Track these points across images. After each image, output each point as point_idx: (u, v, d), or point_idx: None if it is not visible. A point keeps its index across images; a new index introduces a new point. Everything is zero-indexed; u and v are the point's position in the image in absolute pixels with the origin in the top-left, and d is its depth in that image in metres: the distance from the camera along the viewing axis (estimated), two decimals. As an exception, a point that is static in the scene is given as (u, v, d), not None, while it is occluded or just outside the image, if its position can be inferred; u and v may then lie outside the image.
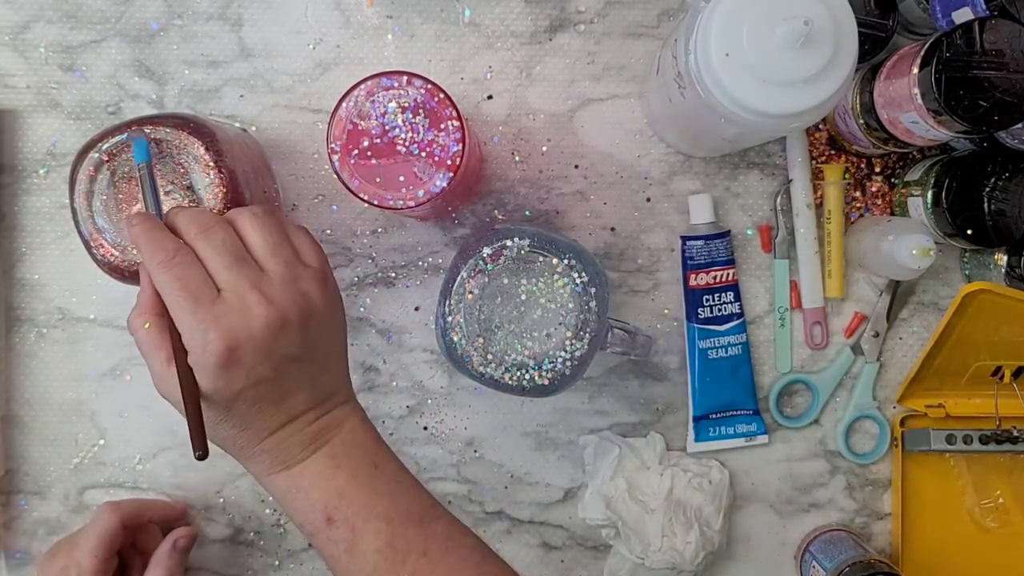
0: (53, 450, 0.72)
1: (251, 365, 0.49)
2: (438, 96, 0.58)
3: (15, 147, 0.71)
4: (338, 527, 0.51)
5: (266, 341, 0.50)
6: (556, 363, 0.60)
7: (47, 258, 0.72)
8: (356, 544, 0.51)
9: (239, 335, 0.49)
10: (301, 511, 0.52)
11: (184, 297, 0.49)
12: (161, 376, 0.51)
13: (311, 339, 0.52)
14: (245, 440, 0.52)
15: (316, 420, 0.53)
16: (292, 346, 0.51)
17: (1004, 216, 0.64)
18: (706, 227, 0.70)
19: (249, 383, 0.50)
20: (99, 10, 0.71)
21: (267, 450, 0.52)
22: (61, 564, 0.63)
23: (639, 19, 0.71)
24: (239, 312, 0.49)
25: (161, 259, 0.50)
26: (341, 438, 0.54)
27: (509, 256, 0.60)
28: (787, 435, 0.73)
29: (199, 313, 0.49)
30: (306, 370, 0.52)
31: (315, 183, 0.72)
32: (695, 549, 0.68)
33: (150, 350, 0.51)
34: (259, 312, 0.49)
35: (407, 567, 0.51)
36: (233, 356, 0.49)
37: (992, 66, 0.56)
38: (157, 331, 0.51)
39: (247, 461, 0.53)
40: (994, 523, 0.72)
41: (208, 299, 0.49)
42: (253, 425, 0.51)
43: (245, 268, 0.51)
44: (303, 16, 0.71)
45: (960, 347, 0.69)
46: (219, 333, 0.48)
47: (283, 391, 0.52)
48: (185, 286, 0.49)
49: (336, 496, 0.52)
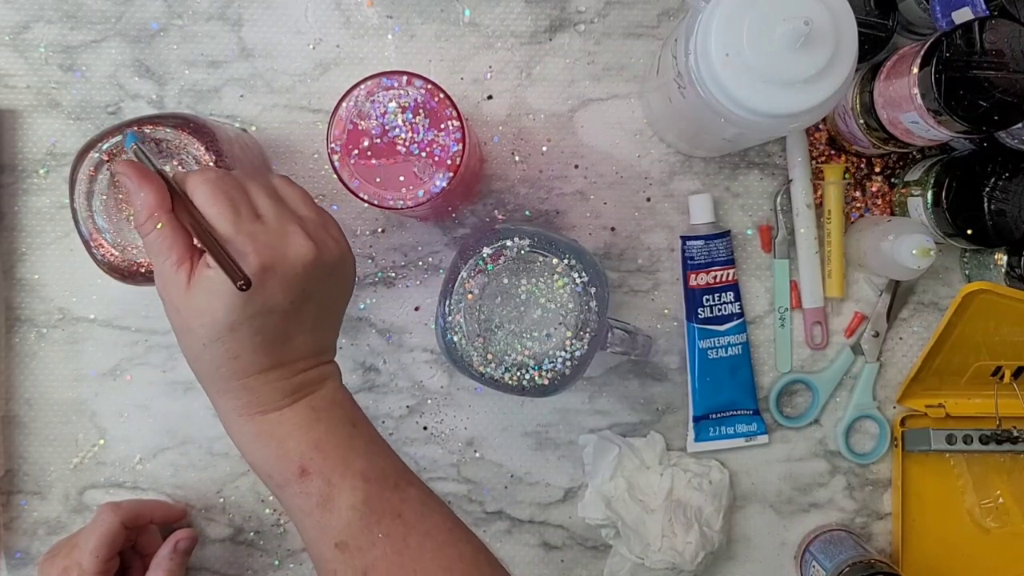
0: (53, 450, 0.72)
1: (273, 291, 0.49)
2: (438, 96, 0.58)
3: (15, 147, 0.71)
4: (313, 480, 0.50)
5: (295, 271, 0.50)
6: (556, 363, 0.60)
7: (47, 258, 0.72)
8: (332, 498, 0.50)
9: (274, 257, 0.49)
10: (270, 460, 0.51)
11: (228, 209, 0.49)
12: (166, 278, 0.49)
13: (328, 287, 0.52)
14: (230, 370, 0.50)
15: (304, 371, 0.52)
16: (313, 286, 0.51)
17: (1004, 216, 0.64)
18: (706, 227, 0.70)
19: (264, 309, 0.49)
20: (99, 10, 0.71)
21: (249, 388, 0.51)
22: (62, 565, 0.63)
23: (639, 19, 0.71)
24: (277, 236, 0.49)
25: (208, 175, 0.50)
26: (323, 393, 0.53)
27: (509, 256, 0.60)
28: (787, 435, 0.73)
29: (240, 226, 0.49)
30: (312, 316, 0.52)
31: (315, 183, 0.72)
32: (695, 549, 0.68)
33: (160, 251, 0.49)
34: (297, 241, 0.50)
35: (381, 527, 0.50)
36: (263, 276, 0.48)
37: (992, 66, 0.56)
38: (169, 231, 0.49)
39: (221, 395, 0.51)
40: (994, 523, 0.72)
41: (248, 216, 0.49)
42: (245, 356, 0.50)
43: (286, 206, 0.52)
44: (303, 16, 0.71)
45: (960, 347, 0.69)
46: (257, 248, 0.48)
47: (287, 330, 0.51)
48: (230, 200, 0.49)
49: (312, 448, 0.51)
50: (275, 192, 0.52)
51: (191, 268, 0.49)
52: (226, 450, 0.72)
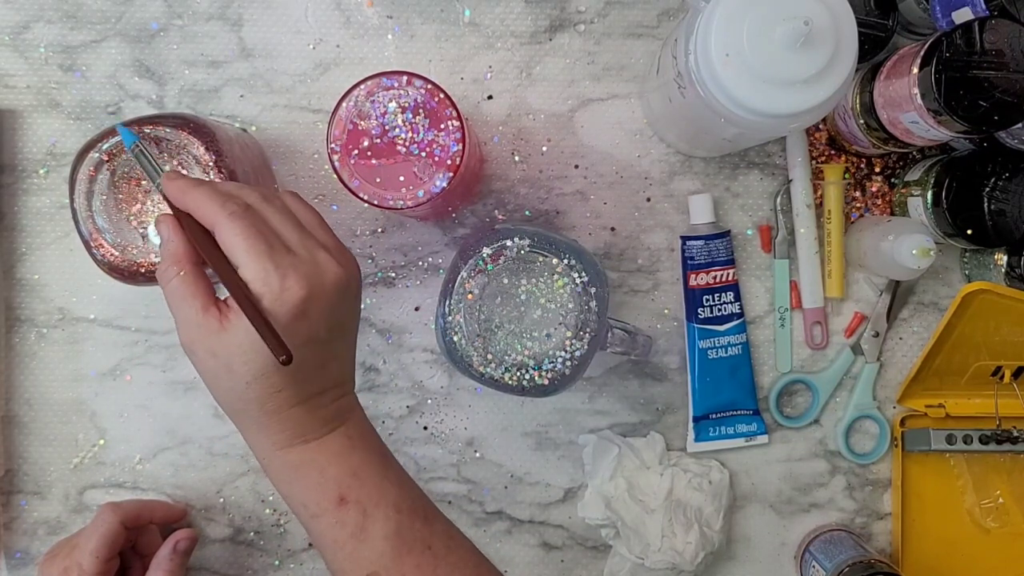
0: (53, 450, 0.72)
1: (315, 320, 0.49)
2: (438, 96, 0.58)
3: (15, 147, 0.71)
4: (350, 509, 0.50)
5: (332, 300, 0.50)
6: (556, 363, 0.60)
7: (47, 258, 0.72)
8: (366, 529, 0.50)
9: (315, 286, 0.49)
10: (310, 489, 0.51)
11: (261, 243, 0.48)
12: (194, 325, 0.49)
13: (353, 311, 0.53)
14: (274, 404, 0.50)
15: (338, 399, 0.53)
16: (345, 313, 0.51)
17: (1004, 216, 0.64)
18: (706, 227, 0.70)
19: (306, 339, 0.49)
20: (99, 10, 0.71)
21: (293, 418, 0.50)
22: (62, 566, 0.63)
23: (639, 19, 0.71)
24: (312, 266, 0.49)
25: (234, 210, 0.49)
26: (354, 421, 0.53)
27: (509, 256, 0.60)
28: (787, 435, 0.73)
29: (276, 258, 0.48)
30: (344, 343, 0.53)
31: (315, 183, 0.72)
32: (695, 549, 0.68)
33: (184, 298, 0.49)
34: (331, 269, 0.50)
35: (412, 558, 0.51)
36: (306, 306, 0.48)
37: (992, 66, 0.56)
38: (192, 279, 0.49)
39: (262, 430, 0.51)
40: (994, 523, 0.72)
41: (283, 249, 0.49)
42: (288, 388, 0.49)
43: (308, 233, 0.51)
44: (303, 16, 0.71)
45: (960, 347, 0.69)
46: (298, 279, 0.48)
47: (324, 358, 0.51)
48: (260, 233, 0.48)
49: (351, 476, 0.51)
50: (295, 218, 0.52)
51: (219, 309, 0.49)
52: (226, 450, 0.72)
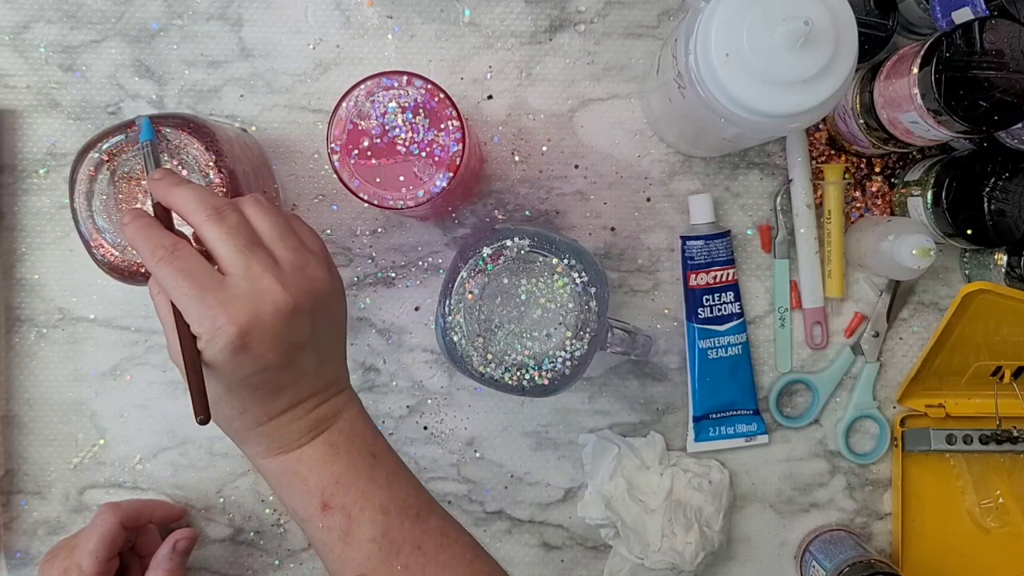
0: (53, 450, 0.72)
1: (260, 351, 0.49)
2: (438, 96, 0.58)
3: (15, 147, 0.71)
4: (334, 514, 0.51)
5: (276, 327, 0.49)
6: (556, 363, 0.60)
7: (47, 258, 0.72)
8: (351, 532, 0.51)
9: (250, 320, 0.48)
10: (296, 496, 0.52)
11: (190, 286, 0.48)
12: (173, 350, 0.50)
13: (318, 326, 0.52)
14: (242, 423, 0.51)
15: (316, 408, 0.53)
16: (301, 333, 0.51)
17: (1004, 216, 0.64)
18: (706, 227, 0.70)
19: (256, 369, 0.49)
20: (99, 10, 0.71)
21: (265, 434, 0.52)
22: (62, 566, 0.63)
23: (639, 19, 0.71)
24: (249, 297, 0.48)
25: (161, 256, 0.49)
26: (340, 426, 0.53)
27: (509, 256, 0.60)
28: (787, 435, 0.73)
29: (207, 299, 0.48)
30: (311, 357, 0.52)
31: (315, 183, 0.72)
32: (695, 549, 0.68)
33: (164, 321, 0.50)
34: (271, 298, 0.49)
35: (400, 559, 0.51)
36: (243, 341, 0.48)
37: (992, 66, 0.56)
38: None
39: (243, 442, 0.53)
40: (994, 523, 0.72)
41: (214, 285, 0.48)
42: (252, 409, 0.51)
43: (258, 253, 0.50)
44: (303, 16, 0.71)
45: (960, 347, 0.69)
46: (229, 318, 0.47)
47: (287, 378, 0.51)
48: (188, 275, 0.48)
49: (333, 483, 0.52)
50: (247, 237, 0.50)
51: None
52: (226, 450, 0.72)
